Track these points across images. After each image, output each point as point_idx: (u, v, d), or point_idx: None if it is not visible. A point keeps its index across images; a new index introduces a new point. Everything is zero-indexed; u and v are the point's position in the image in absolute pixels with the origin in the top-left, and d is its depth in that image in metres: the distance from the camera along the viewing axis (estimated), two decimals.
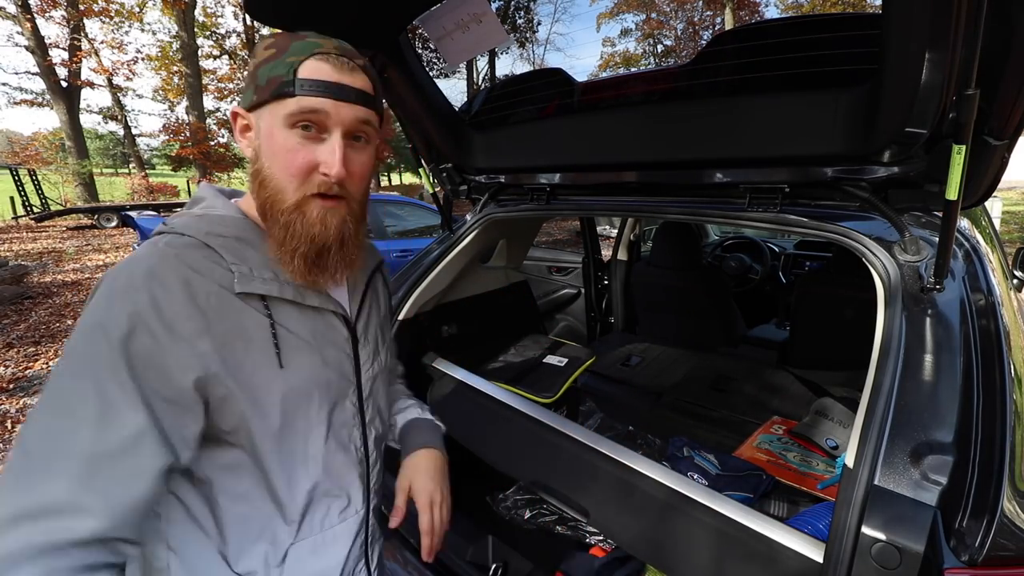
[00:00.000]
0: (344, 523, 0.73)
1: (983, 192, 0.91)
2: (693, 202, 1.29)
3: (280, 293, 0.63)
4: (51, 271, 7.82)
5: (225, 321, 0.58)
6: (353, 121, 0.62)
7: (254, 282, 0.61)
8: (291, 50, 0.60)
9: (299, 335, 0.65)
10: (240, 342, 0.60)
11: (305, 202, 0.62)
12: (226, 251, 0.61)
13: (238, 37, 20.10)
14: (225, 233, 0.62)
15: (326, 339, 0.69)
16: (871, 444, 0.78)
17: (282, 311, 0.64)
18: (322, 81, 0.59)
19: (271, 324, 0.62)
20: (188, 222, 0.63)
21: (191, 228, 0.62)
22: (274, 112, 0.60)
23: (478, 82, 24.15)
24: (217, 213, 0.65)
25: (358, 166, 0.64)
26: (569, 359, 1.76)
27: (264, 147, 0.62)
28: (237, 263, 0.61)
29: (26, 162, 16.13)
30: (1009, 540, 0.66)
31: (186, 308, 0.56)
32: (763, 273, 3.58)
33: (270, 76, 0.59)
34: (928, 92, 0.76)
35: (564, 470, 1.20)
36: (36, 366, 4.11)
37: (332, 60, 0.60)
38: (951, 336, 0.86)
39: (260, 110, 0.62)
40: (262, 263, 0.63)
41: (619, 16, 26.32)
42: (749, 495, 1.28)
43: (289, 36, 0.62)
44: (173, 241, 0.60)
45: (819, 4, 21.58)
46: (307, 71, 0.59)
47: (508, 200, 1.71)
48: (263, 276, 0.62)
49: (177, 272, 0.57)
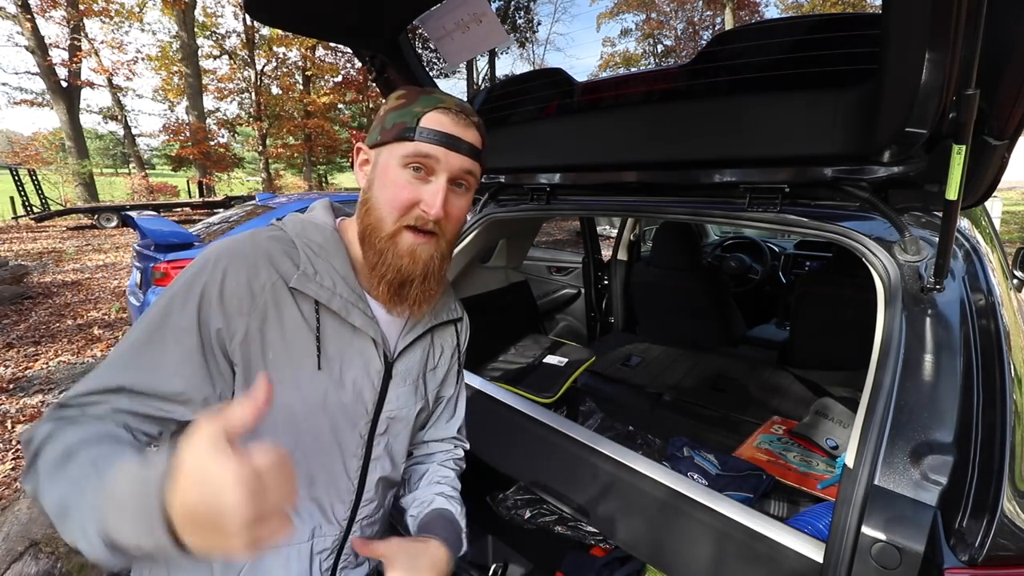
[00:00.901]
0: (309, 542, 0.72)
1: (983, 192, 0.91)
2: (693, 202, 1.29)
3: (328, 302, 0.67)
4: (51, 271, 7.82)
5: (270, 308, 0.65)
6: (459, 170, 0.69)
7: (310, 284, 0.67)
8: (419, 102, 0.68)
9: (328, 346, 0.69)
10: (276, 330, 0.65)
11: (399, 232, 0.68)
12: (305, 252, 0.68)
13: (238, 37, 20.10)
14: (312, 238, 0.70)
15: (353, 362, 0.71)
16: (871, 444, 0.78)
17: (330, 322, 0.69)
18: (439, 132, 0.67)
19: (318, 327, 0.67)
20: (291, 222, 0.73)
21: (289, 226, 0.71)
22: (393, 151, 0.68)
23: (478, 82, 24.14)
24: (316, 222, 0.73)
25: (455, 209, 0.71)
26: (569, 359, 1.76)
27: (377, 179, 0.69)
28: (307, 263, 0.68)
29: (26, 162, 16.16)
30: (1009, 540, 0.66)
31: (240, 288, 0.63)
32: (763, 273, 3.58)
33: (396, 122, 0.68)
34: (928, 92, 0.76)
35: (564, 470, 1.20)
36: (36, 366, 4.11)
37: (452, 115, 0.68)
38: (951, 336, 0.86)
39: (381, 148, 0.70)
40: (328, 273, 0.69)
41: (619, 16, 26.35)
42: (749, 495, 1.28)
43: (419, 90, 0.70)
44: (270, 232, 0.70)
45: (819, 4, 21.59)
46: (428, 121, 0.67)
47: (508, 200, 1.71)
48: (322, 283, 0.68)
49: (252, 256, 0.65)
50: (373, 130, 0.72)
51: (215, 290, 0.63)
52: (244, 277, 0.64)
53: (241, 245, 0.67)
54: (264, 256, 0.66)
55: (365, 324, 0.70)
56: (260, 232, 0.70)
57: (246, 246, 0.66)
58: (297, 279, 0.66)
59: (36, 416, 3.25)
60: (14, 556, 1.67)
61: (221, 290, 0.63)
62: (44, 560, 1.68)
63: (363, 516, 0.77)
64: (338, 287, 0.69)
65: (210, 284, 0.63)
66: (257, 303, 0.64)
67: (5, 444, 2.94)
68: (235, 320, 0.63)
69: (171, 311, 0.62)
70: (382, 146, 0.70)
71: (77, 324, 5.20)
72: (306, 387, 0.67)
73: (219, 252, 0.66)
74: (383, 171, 0.69)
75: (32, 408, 3.37)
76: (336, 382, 0.69)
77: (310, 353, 0.67)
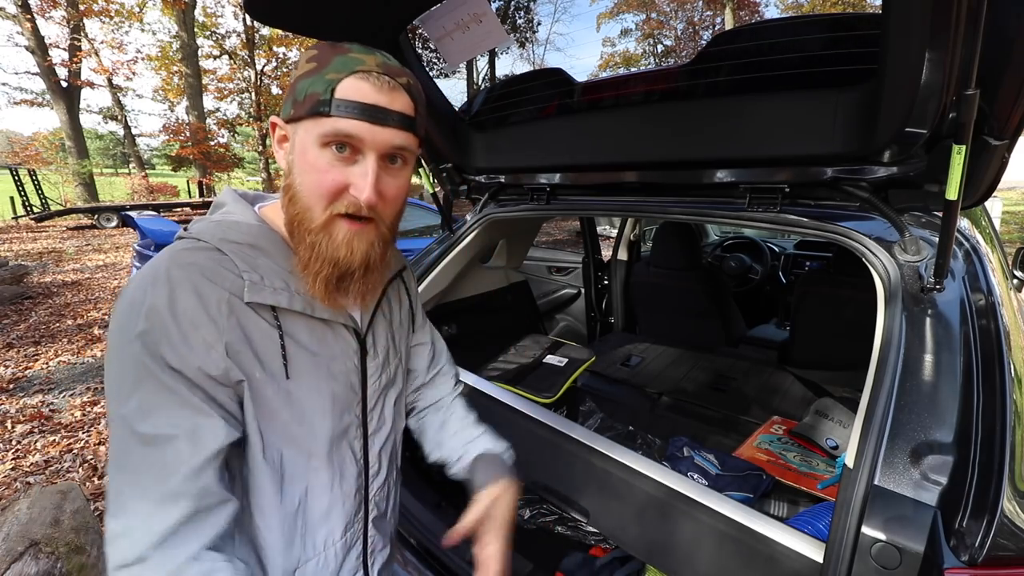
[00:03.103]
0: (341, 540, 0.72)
1: (983, 192, 0.91)
2: (693, 202, 1.29)
3: (289, 304, 0.62)
4: (51, 271, 7.82)
5: (235, 330, 0.58)
6: (389, 146, 0.60)
7: (264, 291, 0.60)
8: (332, 65, 0.57)
9: (307, 347, 0.65)
10: (248, 352, 0.59)
11: (332, 222, 0.60)
12: (238, 258, 0.60)
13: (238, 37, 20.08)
14: (239, 240, 0.61)
15: (334, 351, 0.68)
16: (871, 444, 0.78)
17: (291, 322, 0.63)
18: (359, 103, 0.57)
19: (280, 335, 0.62)
20: (204, 228, 0.62)
21: (206, 234, 0.61)
22: (309, 129, 0.58)
23: (478, 82, 24.14)
24: (233, 219, 0.64)
25: (392, 189, 0.62)
26: (569, 359, 1.76)
27: (297, 163, 0.60)
28: (248, 271, 0.60)
29: (26, 162, 16.13)
30: (1009, 540, 0.66)
31: (198, 315, 0.56)
32: (763, 273, 3.58)
33: (308, 92, 0.57)
34: (928, 92, 0.76)
35: (564, 470, 1.20)
36: (36, 366, 4.11)
37: (372, 79, 0.57)
38: (951, 336, 0.86)
39: (296, 124, 0.60)
40: (274, 272, 0.62)
41: (619, 16, 26.33)
42: (749, 495, 1.28)
43: (332, 49, 0.59)
44: (188, 246, 0.60)
45: (819, 4, 21.58)
46: (345, 91, 0.56)
47: (508, 200, 1.71)
48: (274, 285, 0.61)
49: (189, 278, 0.56)
50: (286, 100, 0.61)
51: (173, 332, 0.54)
52: (193, 302, 0.56)
53: (165, 275, 0.56)
54: (199, 276, 0.57)
55: (333, 314, 0.66)
56: (175, 253, 0.59)
57: (172, 273, 0.56)
58: (249, 291, 0.59)
59: (36, 416, 3.25)
60: (14, 556, 1.67)
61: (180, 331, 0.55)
62: (44, 560, 1.68)
63: (374, 492, 0.77)
64: (291, 284, 0.62)
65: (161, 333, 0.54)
66: (220, 328, 0.57)
67: (5, 444, 2.94)
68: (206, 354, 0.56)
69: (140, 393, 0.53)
70: (297, 122, 0.60)
71: (77, 324, 5.20)
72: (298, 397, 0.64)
73: (142, 298, 0.55)
74: (301, 153, 0.59)
75: (32, 408, 3.37)
76: (324, 379, 0.66)
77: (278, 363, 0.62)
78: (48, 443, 2.96)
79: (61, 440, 3.00)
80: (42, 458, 2.80)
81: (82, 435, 3.06)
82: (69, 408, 3.41)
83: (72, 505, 1.90)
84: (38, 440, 3.00)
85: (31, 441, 2.99)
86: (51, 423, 3.20)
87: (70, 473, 2.68)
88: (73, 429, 3.13)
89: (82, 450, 2.89)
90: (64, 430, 3.11)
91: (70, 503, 1.91)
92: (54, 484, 2.27)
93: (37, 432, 3.09)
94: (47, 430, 3.12)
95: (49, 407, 3.42)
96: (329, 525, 0.70)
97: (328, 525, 0.70)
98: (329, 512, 0.70)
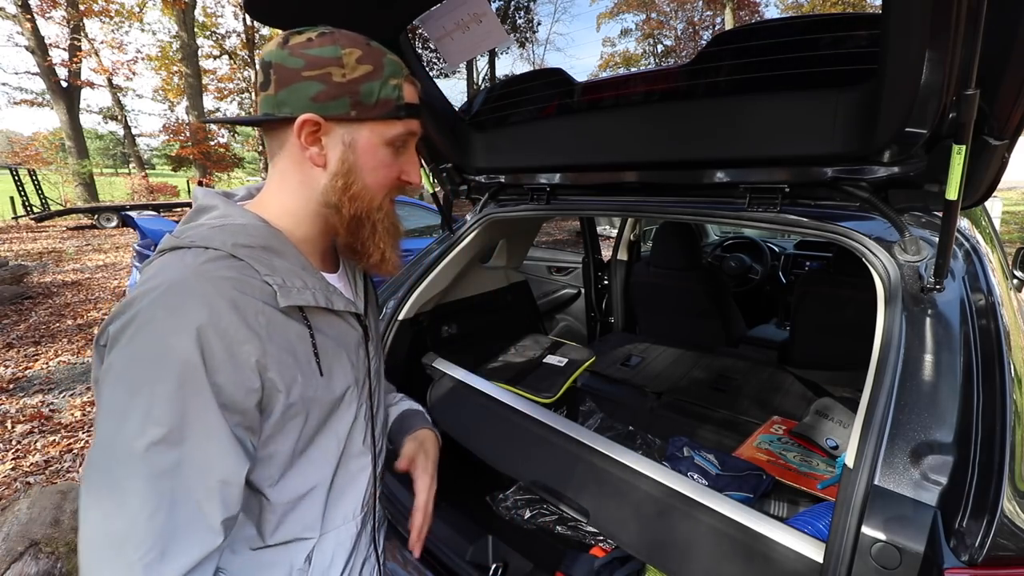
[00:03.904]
0: (361, 514, 0.75)
1: (983, 192, 0.91)
2: (693, 202, 1.29)
3: (315, 301, 0.62)
4: (51, 271, 7.82)
5: (275, 339, 0.57)
6: (418, 135, 0.68)
7: (292, 293, 0.59)
8: (389, 70, 0.62)
9: (332, 340, 0.66)
10: (290, 357, 0.59)
11: (386, 204, 0.69)
12: (257, 263, 0.58)
13: (238, 37, 20.09)
14: (251, 243, 0.59)
15: (350, 340, 0.70)
16: (871, 444, 0.78)
17: (317, 319, 0.64)
18: (416, 106, 0.66)
19: (311, 334, 0.63)
20: (207, 234, 0.58)
21: (215, 240, 0.57)
22: (379, 132, 0.63)
23: (478, 82, 24.14)
24: (237, 222, 0.61)
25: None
26: (569, 359, 1.76)
27: (362, 163, 0.64)
28: (269, 274, 0.58)
29: (26, 162, 16.14)
30: (1009, 540, 0.66)
31: (241, 331, 0.53)
32: (763, 273, 3.58)
33: (380, 96, 0.61)
34: (928, 92, 0.76)
35: (564, 470, 1.20)
36: (36, 366, 4.11)
37: (411, 81, 0.65)
38: (951, 336, 0.86)
39: (357, 124, 0.62)
40: (291, 272, 0.61)
41: (619, 16, 26.33)
42: (749, 495, 1.28)
43: (375, 50, 0.63)
44: (201, 256, 0.55)
45: (819, 4, 21.58)
46: (408, 96, 0.64)
47: (508, 200, 1.71)
48: (296, 286, 0.60)
49: (222, 292, 0.53)
50: (335, 99, 0.59)
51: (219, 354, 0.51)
52: (234, 319, 0.53)
53: (198, 289, 0.52)
54: (231, 288, 0.54)
55: (346, 304, 0.68)
56: (196, 265, 0.54)
57: (208, 288, 0.53)
58: (282, 296, 0.58)
59: (36, 416, 3.25)
60: (14, 556, 1.67)
61: (227, 351, 0.52)
62: (44, 560, 1.68)
63: (380, 470, 0.81)
64: (308, 282, 0.62)
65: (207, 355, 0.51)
66: (263, 340, 0.55)
67: (5, 444, 2.94)
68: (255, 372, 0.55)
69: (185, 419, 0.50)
70: (359, 123, 0.61)
71: (77, 324, 5.20)
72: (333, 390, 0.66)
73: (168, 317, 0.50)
74: (370, 154, 0.63)
75: (32, 408, 3.37)
76: (348, 369, 0.69)
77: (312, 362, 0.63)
78: (48, 443, 2.97)
79: (61, 440, 3.00)
80: (42, 458, 2.81)
81: (82, 435, 3.06)
82: (69, 408, 3.41)
83: (72, 505, 1.90)
84: (38, 440, 3.00)
85: (31, 441, 2.99)
86: (51, 423, 3.20)
87: (70, 473, 2.68)
88: (73, 429, 3.13)
89: (82, 450, 2.89)
90: (64, 430, 3.11)
91: (70, 503, 1.91)
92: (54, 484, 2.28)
93: (37, 432, 3.09)
94: (47, 430, 3.12)
95: (49, 407, 3.42)
96: (352, 502, 0.73)
97: (351, 502, 0.73)
98: (352, 490, 0.73)
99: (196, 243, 0.57)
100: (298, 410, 0.61)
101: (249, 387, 0.54)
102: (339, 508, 0.71)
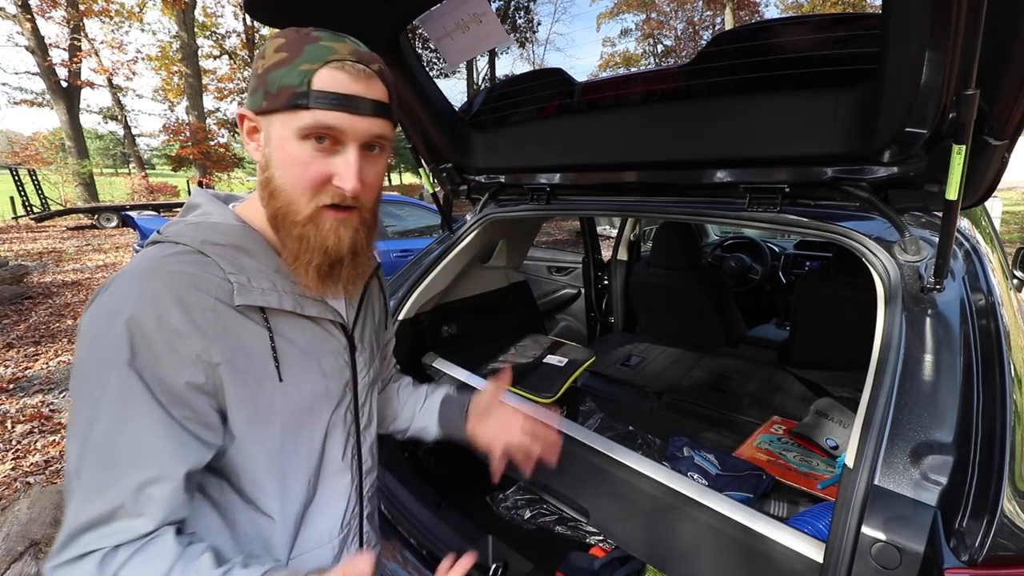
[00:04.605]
0: (340, 536, 0.72)
1: (983, 192, 0.91)
2: (693, 202, 1.29)
3: (279, 304, 0.61)
4: (51, 271, 7.82)
5: (224, 338, 0.57)
6: (368, 135, 0.60)
7: (253, 293, 0.59)
8: (304, 55, 0.56)
9: (298, 346, 0.64)
10: (241, 358, 0.58)
11: (318, 214, 0.60)
12: (223, 260, 0.58)
13: (238, 37, 20.10)
14: (221, 241, 0.60)
15: (324, 349, 0.68)
16: (871, 444, 0.78)
17: (281, 322, 0.63)
18: (338, 94, 0.56)
19: (270, 337, 0.61)
20: (182, 230, 0.60)
21: (185, 236, 0.59)
22: (286, 123, 0.57)
23: (478, 82, 24.15)
24: (213, 220, 0.62)
25: (372, 176, 0.62)
26: (569, 359, 1.76)
27: (275, 157, 0.59)
28: (235, 273, 0.58)
29: (26, 162, 16.15)
30: (1009, 540, 0.66)
31: (185, 326, 0.54)
32: (763, 273, 3.58)
33: (282, 84, 0.56)
34: (928, 92, 0.76)
35: (564, 470, 1.20)
36: (36, 366, 4.11)
37: (348, 68, 0.57)
38: (951, 336, 0.86)
39: (270, 116, 0.59)
40: (260, 272, 0.61)
41: (619, 16, 26.34)
42: (749, 495, 1.27)
43: (302, 37, 0.58)
44: (168, 252, 0.58)
45: (819, 4, 21.58)
46: (322, 82, 0.56)
47: (508, 200, 1.71)
48: (262, 286, 0.60)
49: (170, 286, 0.54)
50: (255, 91, 0.59)
51: (158, 344, 0.53)
52: (176, 313, 0.54)
53: (145, 284, 0.54)
54: (182, 284, 0.55)
55: (321, 310, 0.66)
56: (155, 260, 0.56)
57: (153, 282, 0.54)
58: (239, 294, 0.57)
59: (36, 416, 3.25)
60: (14, 556, 1.67)
61: (166, 343, 0.53)
62: (44, 560, 1.68)
63: (367, 488, 0.78)
64: (278, 284, 0.62)
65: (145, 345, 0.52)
66: (208, 337, 0.55)
67: (5, 444, 2.94)
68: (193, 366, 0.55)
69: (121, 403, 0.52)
70: (270, 114, 0.58)
71: (77, 324, 5.19)
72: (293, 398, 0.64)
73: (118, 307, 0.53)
74: (280, 147, 0.58)
75: (32, 408, 3.37)
76: (317, 378, 0.66)
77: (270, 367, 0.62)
78: (48, 443, 2.96)
79: (61, 440, 3.00)
80: (42, 458, 2.81)
81: None
82: (69, 408, 3.40)
83: None
84: (38, 440, 3.00)
85: (31, 441, 2.99)
86: (51, 423, 3.20)
87: None
88: None
89: None
90: (64, 430, 3.11)
91: None
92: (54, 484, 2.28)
93: (37, 432, 3.09)
94: (47, 430, 3.12)
95: (49, 407, 3.42)
96: (328, 521, 0.71)
97: (327, 521, 0.71)
98: (328, 508, 0.71)
99: (170, 238, 0.59)
100: (254, 415, 0.60)
101: (190, 380, 0.55)
102: (312, 529, 0.69)
